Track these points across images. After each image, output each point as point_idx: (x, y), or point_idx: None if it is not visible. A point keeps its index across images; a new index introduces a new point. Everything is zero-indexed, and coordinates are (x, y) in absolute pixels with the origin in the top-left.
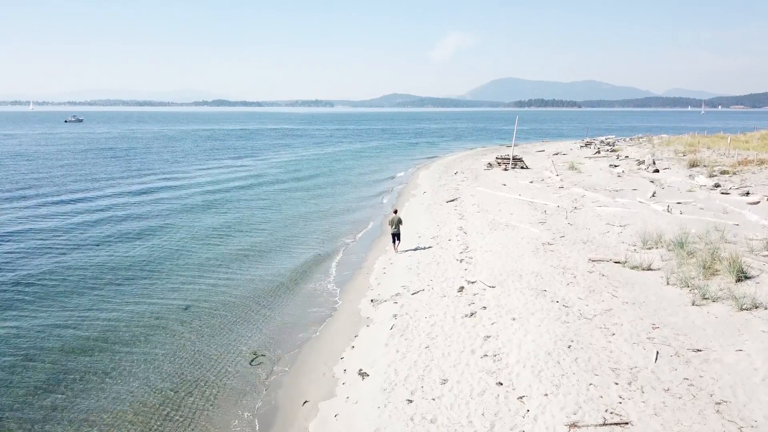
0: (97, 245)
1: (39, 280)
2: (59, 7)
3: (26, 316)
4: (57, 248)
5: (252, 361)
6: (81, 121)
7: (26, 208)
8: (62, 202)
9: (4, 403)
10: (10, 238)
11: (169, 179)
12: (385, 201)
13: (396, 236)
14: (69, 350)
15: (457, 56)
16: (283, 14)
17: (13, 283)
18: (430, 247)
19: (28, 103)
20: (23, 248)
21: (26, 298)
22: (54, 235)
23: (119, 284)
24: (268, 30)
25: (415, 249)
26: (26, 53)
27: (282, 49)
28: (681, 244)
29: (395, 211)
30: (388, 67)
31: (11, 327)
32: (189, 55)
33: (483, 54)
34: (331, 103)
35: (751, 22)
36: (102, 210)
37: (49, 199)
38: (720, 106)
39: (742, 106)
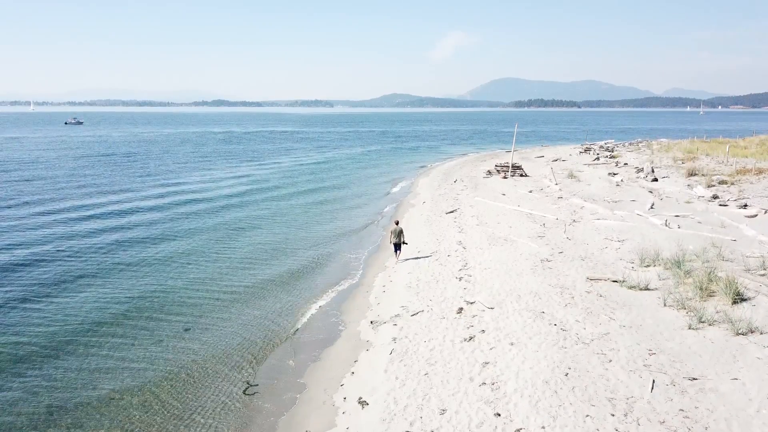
0: (99, 262)
1: (37, 299)
2: (59, 7)
3: (22, 335)
4: (57, 264)
5: (245, 390)
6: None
7: (28, 223)
8: (64, 221)
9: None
10: (11, 253)
11: (170, 190)
12: (385, 212)
13: (398, 246)
14: (60, 376)
15: (457, 56)
16: (283, 14)
17: (10, 300)
18: (429, 256)
19: (27, 103)
20: (23, 264)
21: (22, 317)
22: (55, 251)
23: (120, 302)
24: (268, 30)
25: (416, 260)
26: (26, 53)
27: (282, 49)
28: (678, 264)
29: (397, 223)
30: (387, 67)
31: (7, 346)
32: (189, 55)
33: (483, 54)
34: (330, 104)
35: (751, 22)
36: (104, 224)
37: (52, 217)
38: (720, 107)
39: (741, 106)
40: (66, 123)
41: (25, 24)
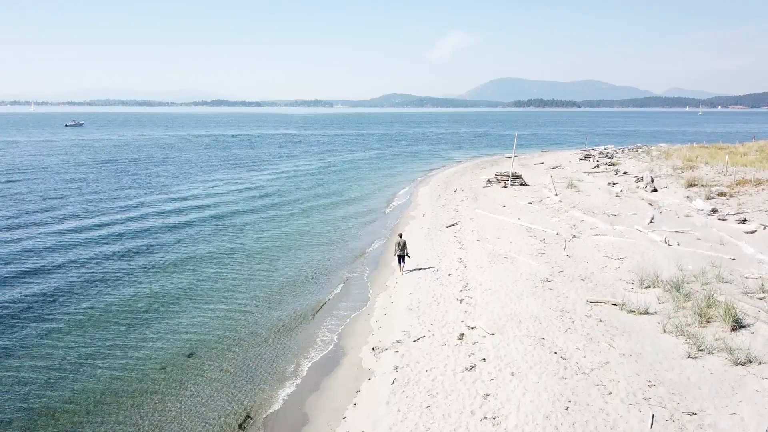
0: (98, 280)
1: (31, 320)
2: (59, 7)
3: (16, 360)
4: (53, 283)
5: (244, 422)
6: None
7: (31, 237)
8: (66, 238)
9: None
10: (13, 270)
11: (173, 207)
12: (387, 226)
13: (401, 258)
14: (57, 406)
15: (456, 56)
16: (283, 14)
17: (5, 323)
18: (430, 274)
19: (27, 103)
20: (22, 282)
21: (15, 342)
22: (56, 267)
23: (119, 325)
24: (268, 30)
25: (417, 279)
26: (25, 53)
27: (282, 49)
28: (677, 287)
29: (400, 235)
30: (387, 67)
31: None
32: (189, 55)
33: (482, 54)
34: (330, 103)
35: (751, 22)
36: (105, 241)
37: (53, 234)
38: (719, 106)
39: (741, 106)
40: (66, 125)
41: (24, 23)
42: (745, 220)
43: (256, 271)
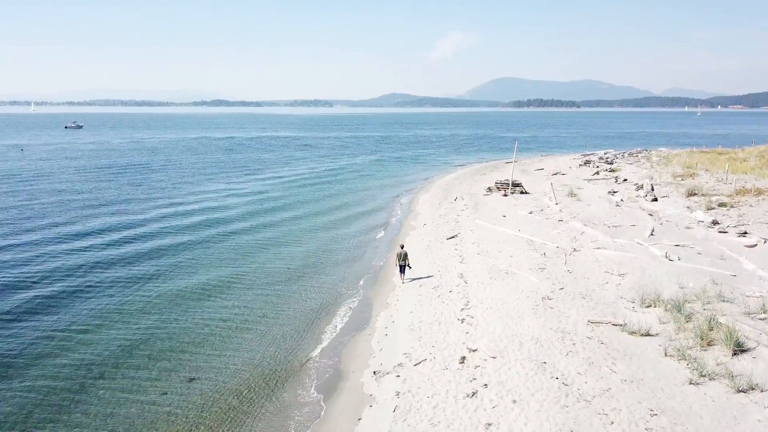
0: (102, 297)
1: (24, 355)
2: (59, 7)
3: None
4: (56, 308)
5: None
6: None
7: (28, 250)
8: (66, 258)
9: None
10: (10, 286)
11: (174, 223)
12: (387, 239)
13: (402, 268)
14: None
15: (456, 56)
16: (283, 14)
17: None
18: (431, 290)
19: (27, 103)
20: (19, 298)
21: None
22: (55, 292)
23: (120, 349)
24: (268, 30)
25: (418, 296)
26: (25, 53)
27: (282, 49)
28: (678, 307)
29: (402, 246)
30: (387, 67)
31: None
32: (188, 55)
33: (482, 53)
34: (330, 103)
35: (750, 22)
36: (102, 259)
37: (49, 255)
38: (719, 106)
39: (741, 106)
40: (66, 127)
41: (24, 23)
42: (745, 233)
43: (258, 289)
